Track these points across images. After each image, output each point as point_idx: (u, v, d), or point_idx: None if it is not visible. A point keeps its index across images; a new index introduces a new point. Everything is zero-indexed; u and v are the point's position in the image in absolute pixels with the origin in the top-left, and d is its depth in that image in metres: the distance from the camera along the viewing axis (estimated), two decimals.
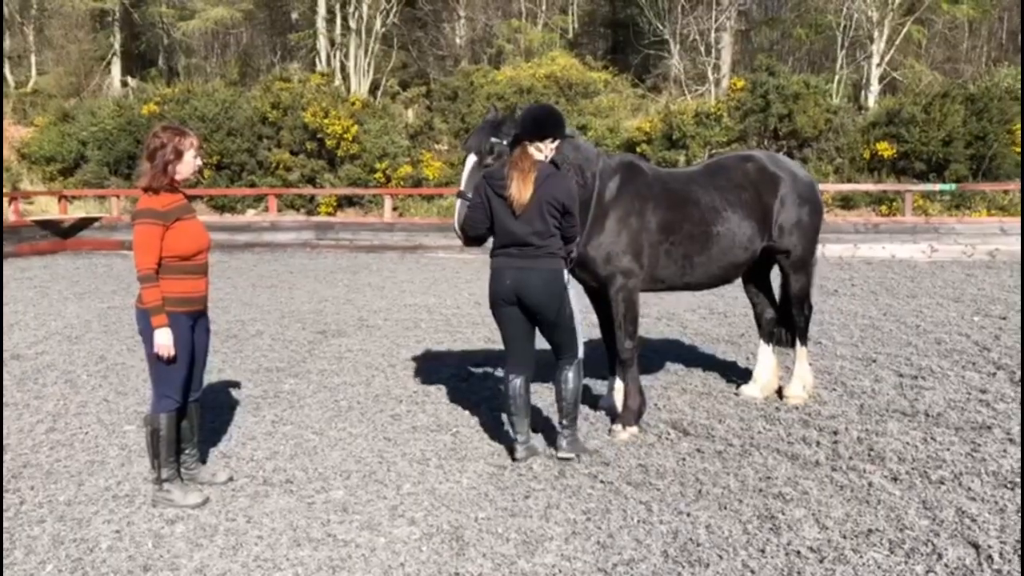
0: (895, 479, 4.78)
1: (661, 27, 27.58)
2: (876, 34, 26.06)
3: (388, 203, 18.91)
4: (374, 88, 29.63)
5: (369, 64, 29.44)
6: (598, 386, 6.79)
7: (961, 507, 4.36)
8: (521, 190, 4.91)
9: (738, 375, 7.18)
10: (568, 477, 4.94)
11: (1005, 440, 5.36)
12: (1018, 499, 4.45)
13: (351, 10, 28.97)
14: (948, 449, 5.23)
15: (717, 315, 9.93)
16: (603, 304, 5.98)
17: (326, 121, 22.22)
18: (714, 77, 27.58)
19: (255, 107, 23.61)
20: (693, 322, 9.59)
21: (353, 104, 23.65)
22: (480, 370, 7.52)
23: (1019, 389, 6.55)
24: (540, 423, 5.86)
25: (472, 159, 5.34)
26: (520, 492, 4.72)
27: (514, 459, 5.21)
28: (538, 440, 5.54)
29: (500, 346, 8.38)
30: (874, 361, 7.59)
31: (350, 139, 22.16)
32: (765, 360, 6.64)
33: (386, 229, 17.98)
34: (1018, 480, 4.70)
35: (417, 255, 17.04)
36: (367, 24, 29.07)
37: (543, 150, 5.10)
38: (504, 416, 5.73)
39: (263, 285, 13.09)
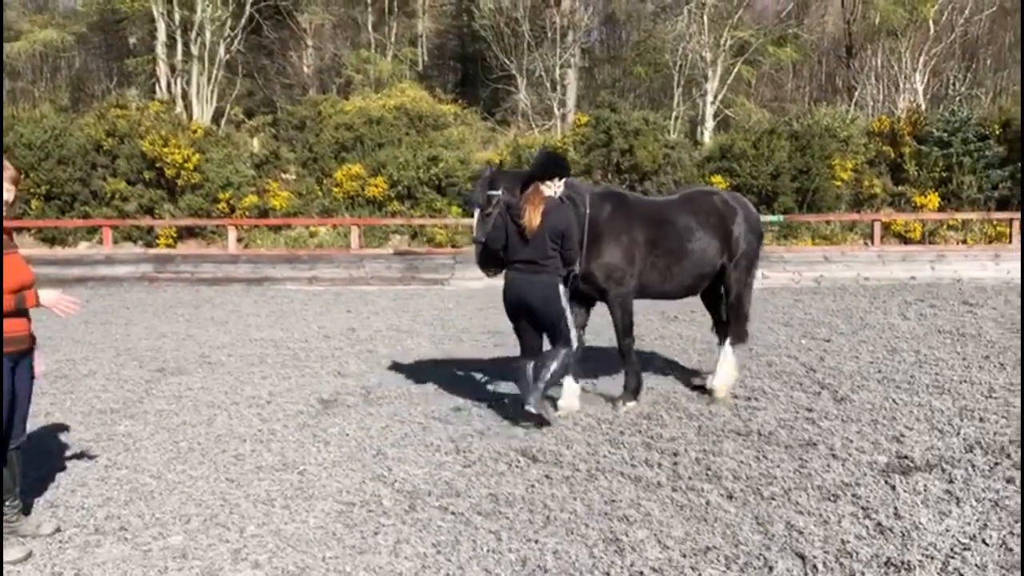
0: (731, 497, 5.01)
1: (508, 62, 28.17)
2: (710, 73, 27.56)
3: (232, 234, 18.34)
4: (218, 116, 28.76)
5: (212, 91, 28.55)
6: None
7: (790, 521, 4.62)
8: (532, 219, 6.25)
9: (587, 401, 7.33)
10: (419, 510, 4.91)
11: (828, 456, 5.73)
12: (839, 510, 4.76)
13: (193, 36, 28.07)
14: (778, 466, 5.54)
15: None
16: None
17: (166, 150, 21.39)
18: (560, 112, 28.37)
19: (88, 135, 22.46)
20: None
21: (195, 132, 22.88)
22: (329, 406, 7.38)
23: (841, 407, 7.03)
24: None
25: (477, 211, 6.55)
26: (369, 529, 4.66)
27: (527, 410, 6.38)
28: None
29: (351, 381, 8.31)
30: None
31: (191, 168, 21.41)
32: (728, 360, 7.53)
33: (230, 261, 17.40)
34: (839, 493, 5.03)
35: (263, 287, 16.58)
36: (210, 51, 28.23)
37: (552, 187, 6.42)
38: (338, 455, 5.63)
39: (97, 322, 12.40)
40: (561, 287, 6.44)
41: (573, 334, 6.49)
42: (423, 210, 21.24)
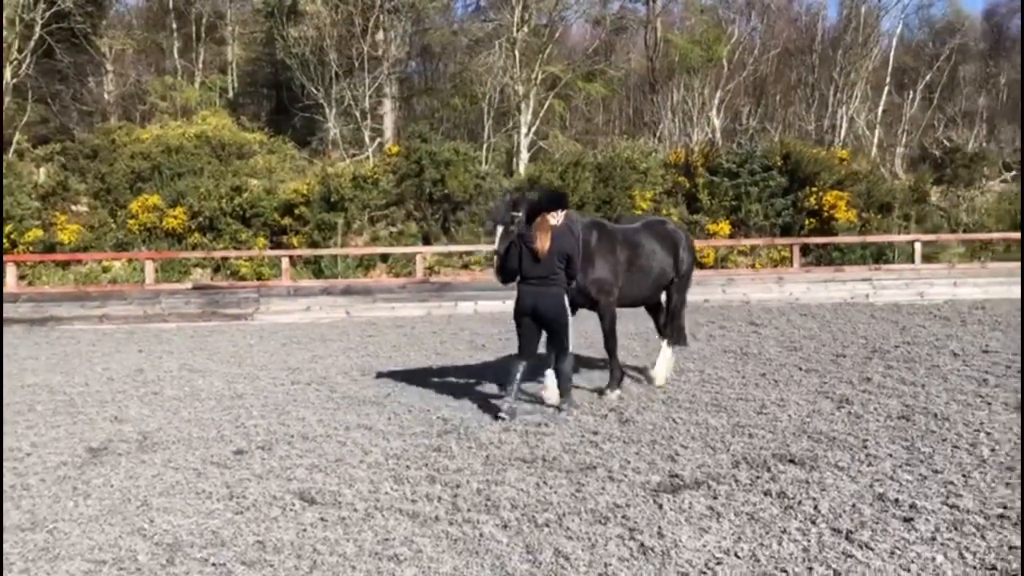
0: (505, 527, 5.00)
1: (315, 92, 27.68)
2: (523, 106, 28.23)
3: (12, 271, 16.91)
4: (6, 145, 26.61)
5: None
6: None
7: (559, 547, 4.66)
8: (543, 244, 7.65)
9: (364, 445, 7.20)
10: (176, 564, 4.60)
11: (606, 478, 5.85)
12: (608, 532, 4.85)
13: None
14: (556, 492, 5.59)
15: (352, 376, 9.97)
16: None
17: None
18: (377, 142, 28.18)
19: None
20: (342, 385, 9.54)
21: None
22: (98, 455, 6.85)
23: (624, 429, 7.23)
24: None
25: (500, 228, 7.81)
26: None
27: (498, 416, 7.66)
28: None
29: (128, 426, 7.78)
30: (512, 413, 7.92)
31: None
32: (666, 355, 9.35)
33: (9, 300, 16.03)
34: (610, 515, 5.13)
35: (47, 328, 15.39)
36: None
37: (556, 217, 7.89)
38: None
39: None
40: (566, 297, 7.83)
41: (571, 342, 7.92)
42: (226, 242, 20.46)
